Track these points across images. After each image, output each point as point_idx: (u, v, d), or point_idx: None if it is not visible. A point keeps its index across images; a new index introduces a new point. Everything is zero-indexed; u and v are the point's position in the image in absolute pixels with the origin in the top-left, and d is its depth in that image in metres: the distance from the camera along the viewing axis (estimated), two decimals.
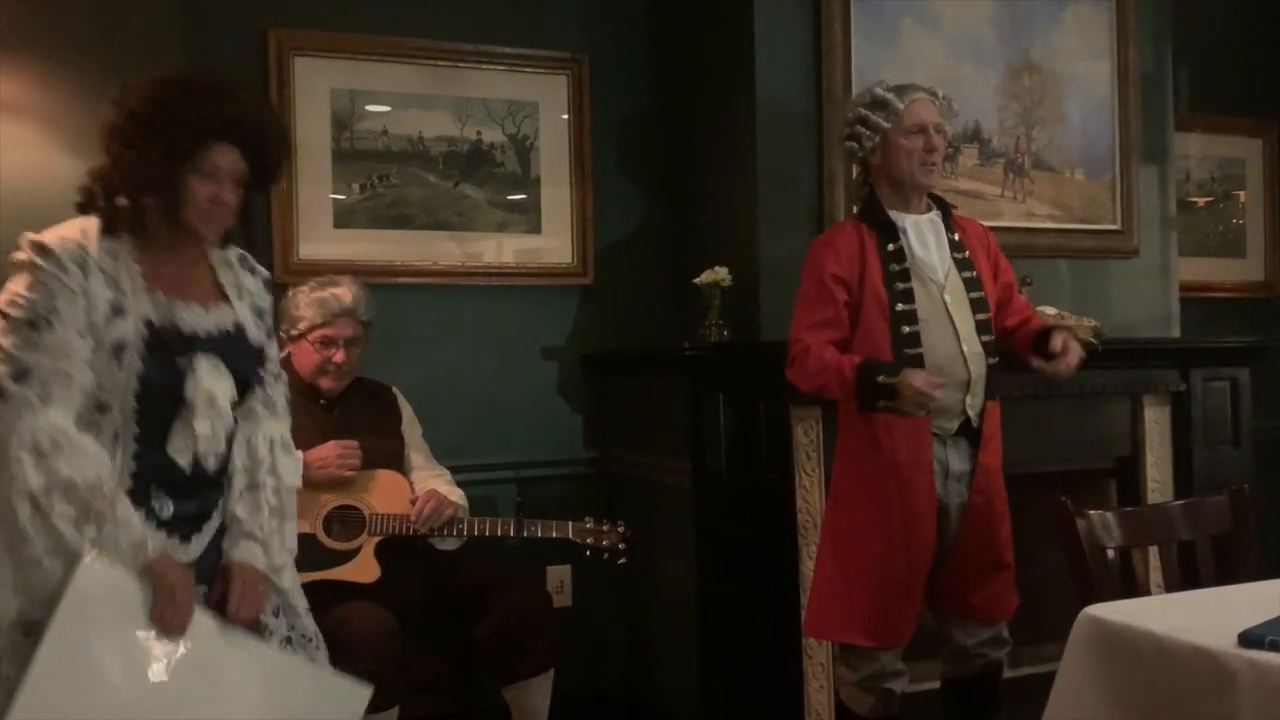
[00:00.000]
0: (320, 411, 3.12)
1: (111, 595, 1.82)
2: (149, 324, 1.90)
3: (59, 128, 2.94)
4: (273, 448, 2.10)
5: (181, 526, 1.94)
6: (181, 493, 1.94)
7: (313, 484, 2.86)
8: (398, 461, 3.21)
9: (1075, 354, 2.68)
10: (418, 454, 3.28)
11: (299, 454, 2.19)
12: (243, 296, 2.08)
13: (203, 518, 1.99)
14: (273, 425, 2.12)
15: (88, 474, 1.79)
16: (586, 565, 3.46)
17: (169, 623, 1.84)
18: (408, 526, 3.05)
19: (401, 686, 2.81)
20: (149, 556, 1.84)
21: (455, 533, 3.11)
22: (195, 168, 1.92)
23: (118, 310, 1.88)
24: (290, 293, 3.17)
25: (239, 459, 2.05)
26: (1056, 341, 2.67)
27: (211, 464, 1.97)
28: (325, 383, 3.12)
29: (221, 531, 2.03)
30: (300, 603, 2.15)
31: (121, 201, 1.92)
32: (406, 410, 3.32)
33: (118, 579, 1.82)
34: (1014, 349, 2.80)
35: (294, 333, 3.11)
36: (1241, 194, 4.83)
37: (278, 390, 2.14)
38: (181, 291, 1.97)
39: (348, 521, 3.03)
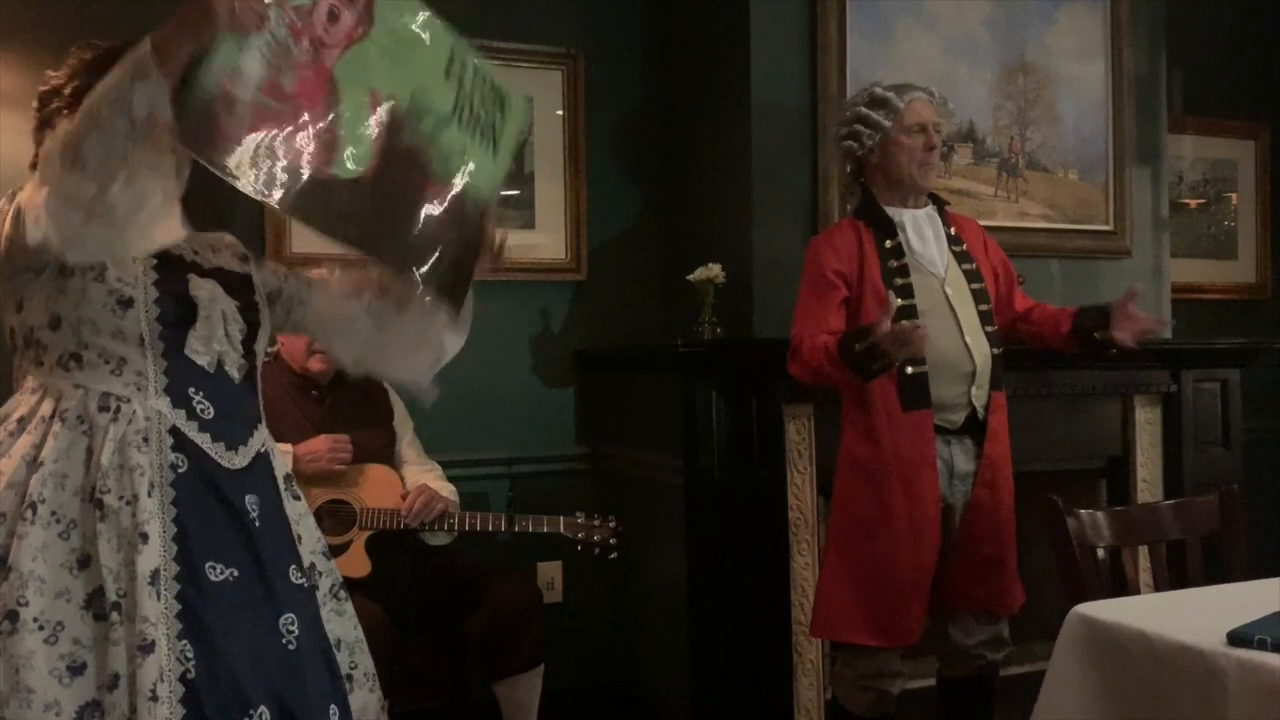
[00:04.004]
0: (311, 404, 3.12)
1: None
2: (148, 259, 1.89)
3: None
4: None
5: (226, 432, 1.90)
6: (213, 394, 1.90)
7: (303, 478, 2.86)
8: (389, 456, 3.20)
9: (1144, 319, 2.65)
10: (409, 448, 3.28)
11: None
12: (218, 251, 2.04)
13: (246, 429, 1.95)
14: None
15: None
16: (578, 561, 3.46)
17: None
18: (399, 521, 3.05)
19: (391, 681, 2.80)
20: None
21: (446, 527, 3.12)
22: None
23: None
24: None
25: None
26: (1123, 305, 2.65)
27: (235, 372, 1.93)
28: (315, 364, 3.11)
29: (266, 453, 1.99)
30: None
31: None
32: (398, 405, 3.31)
33: None
34: (1038, 330, 2.81)
35: (291, 333, 3.10)
36: (1233, 196, 4.84)
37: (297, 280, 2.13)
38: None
39: (338, 515, 3.03)
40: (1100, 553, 2.22)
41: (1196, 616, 1.75)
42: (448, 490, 3.20)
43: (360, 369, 2.16)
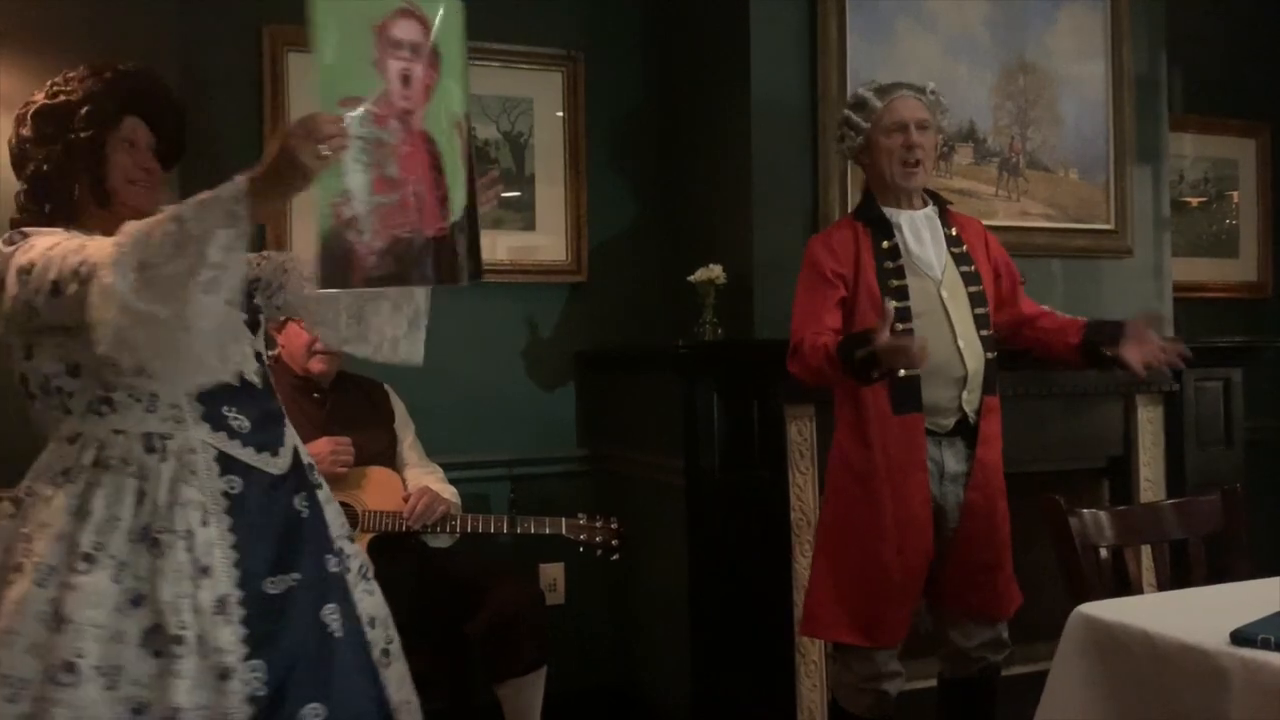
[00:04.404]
0: (313, 406, 3.11)
1: None
2: None
3: None
4: None
5: (265, 439, 1.92)
6: (244, 406, 1.91)
7: None
8: (390, 458, 3.20)
9: (1156, 347, 2.60)
10: (411, 451, 3.28)
11: None
12: None
13: (279, 430, 1.97)
14: None
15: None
16: (579, 563, 3.46)
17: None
18: (400, 523, 3.05)
19: None
20: (241, 186, 1.62)
21: (448, 529, 3.11)
22: (116, 139, 1.92)
23: None
24: None
25: None
26: (1135, 326, 2.61)
27: (256, 379, 1.96)
28: (316, 365, 3.11)
29: (296, 445, 2.01)
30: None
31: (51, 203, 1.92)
32: (399, 407, 3.31)
33: None
34: (1045, 338, 2.79)
35: (280, 318, 3.10)
36: (1235, 194, 4.84)
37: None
38: None
39: None
40: (1103, 552, 2.21)
41: (1199, 616, 1.74)
42: (449, 492, 3.19)
43: (366, 351, 2.10)
